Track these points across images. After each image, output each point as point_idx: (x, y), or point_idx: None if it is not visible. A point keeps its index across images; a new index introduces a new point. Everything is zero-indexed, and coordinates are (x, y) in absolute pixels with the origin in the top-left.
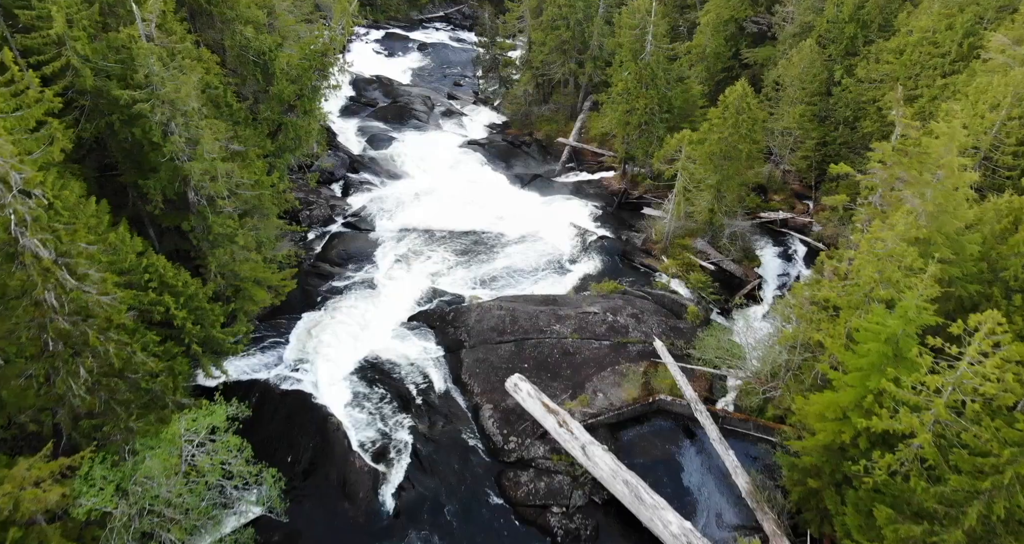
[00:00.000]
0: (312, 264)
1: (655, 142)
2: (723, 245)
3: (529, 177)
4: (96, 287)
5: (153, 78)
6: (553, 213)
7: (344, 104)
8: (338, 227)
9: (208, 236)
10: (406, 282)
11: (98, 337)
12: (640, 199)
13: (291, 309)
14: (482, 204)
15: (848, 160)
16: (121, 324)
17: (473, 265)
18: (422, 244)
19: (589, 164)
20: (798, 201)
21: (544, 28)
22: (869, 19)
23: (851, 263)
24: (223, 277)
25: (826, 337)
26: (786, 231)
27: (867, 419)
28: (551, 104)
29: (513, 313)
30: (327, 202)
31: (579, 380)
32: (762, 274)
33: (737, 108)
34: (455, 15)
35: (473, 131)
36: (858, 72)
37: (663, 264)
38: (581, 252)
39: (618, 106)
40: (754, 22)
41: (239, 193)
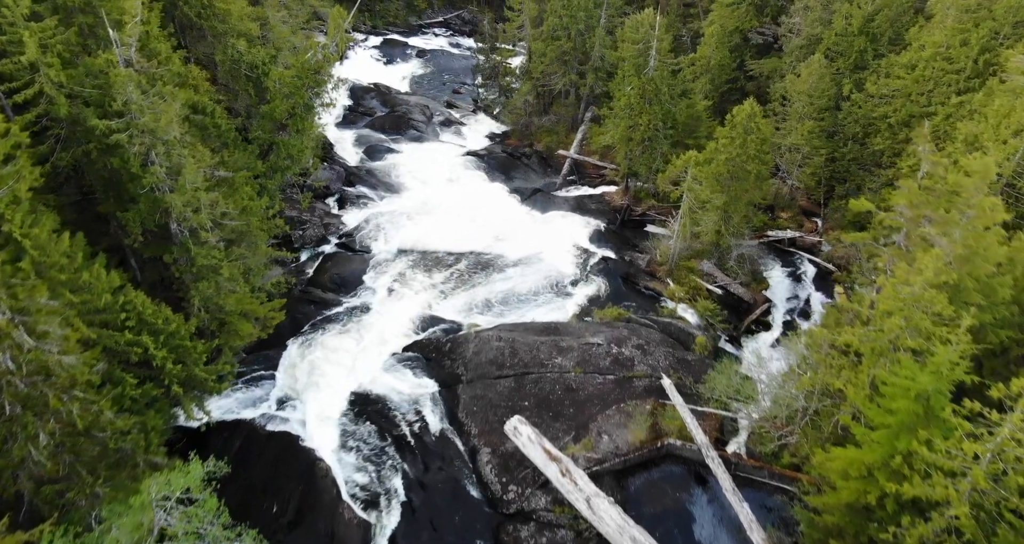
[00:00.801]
0: (303, 290)
1: (658, 158)
2: (730, 267)
3: (529, 191)
4: (58, 345)
5: (131, 106)
6: (554, 231)
7: (342, 113)
8: (332, 247)
9: (191, 268)
10: (401, 308)
11: (60, 398)
12: (643, 216)
13: (279, 339)
14: (481, 222)
15: (857, 178)
16: (87, 380)
17: (472, 289)
18: (419, 267)
19: (590, 177)
20: (806, 219)
21: (544, 38)
22: (879, 32)
23: (873, 306)
24: (207, 311)
25: (848, 386)
26: (794, 251)
27: (896, 482)
28: (551, 115)
29: (513, 344)
30: (321, 220)
31: (583, 420)
32: (771, 297)
33: (745, 127)
34: (454, 21)
35: (472, 141)
36: (868, 87)
37: (668, 288)
38: (583, 274)
39: (620, 121)
40: (759, 33)
41: (224, 224)
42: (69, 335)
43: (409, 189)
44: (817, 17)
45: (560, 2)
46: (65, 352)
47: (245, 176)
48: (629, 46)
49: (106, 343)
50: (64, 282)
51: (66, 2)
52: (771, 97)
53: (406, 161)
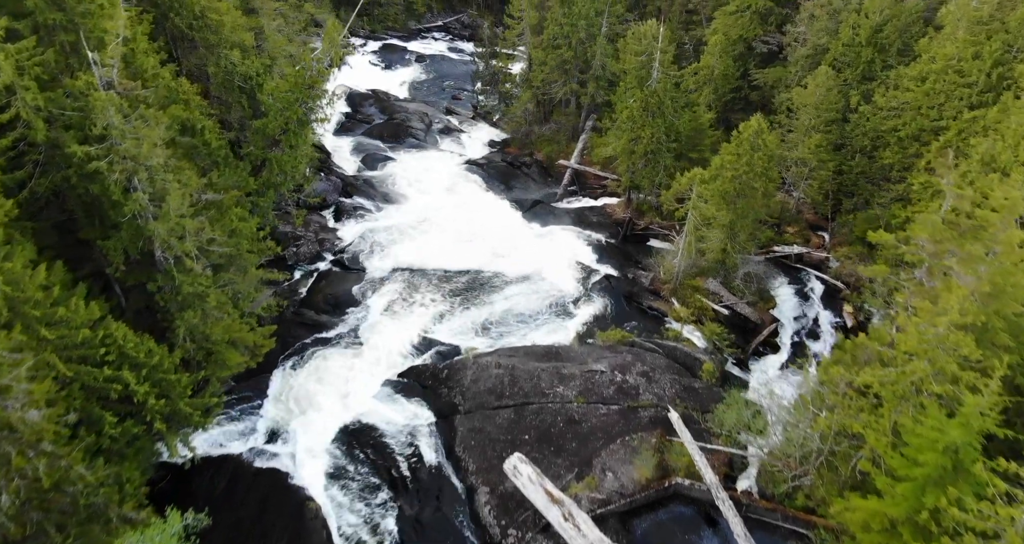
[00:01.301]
0: (295, 311)
1: (661, 172)
2: (736, 286)
3: (529, 203)
4: (21, 400)
5: (112, 132)
6: (555, 247)
7: (340, 120)
8: (327, 265)
9: (176, 297)
10: (396, 331)
11: (25, 455)
12: (646, 230)
13: (270, 365)
14: (480, 238)
15: (866, 191)
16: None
17: (470, 309)
18: (415, 286)
19: (591, 188)
20: (813, 233)
21: (545, 47)
22: (887, 43)
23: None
24: (193, 341)
25: (867, 430)
26: (801, 267)
27: (923, 540)
28: (552, 123)
29: (512, 372)
30: (316, 236)
31: (586, 455)
32: (778, 316)
33: (752, 144)
34: (454, 25)
35: (472, 149)
36: (876, 99)
37: (673, 308)
38: (585, 293)
39: (622, 134)
40: (764, 41)
41: (212, 250)
42: (34, 389)
43: (407, 200)
44: (823, 27)
45: (561, 10)
46: (30, 407)
47: (235, 196)
48: (632, 58)
49: (84, 380)
50: (39, 318)
51: (47, 20)
52: (776, 107)
53: (404, 170)
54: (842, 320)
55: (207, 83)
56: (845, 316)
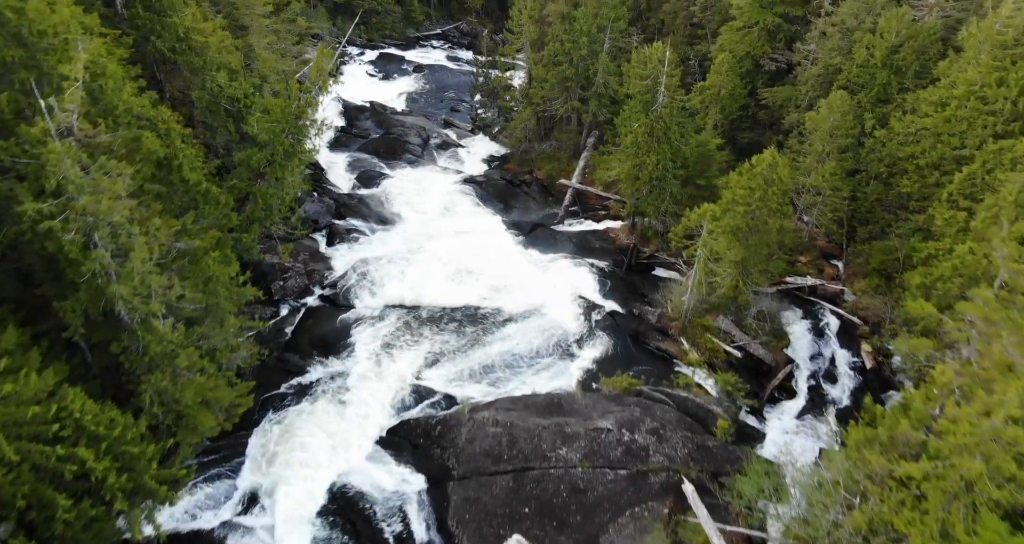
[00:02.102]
0: (279, 356)
1: (667, 198)
2: (749, 324)
3: (529, 226)
4: None
5: (68, 186)
6: (556, 278)
7: (335, 135)
8: (315, 300)
9: (143, 358)
10: (387, 378)
11: None
12: (651, 258)
13: (248, 421)
14: (477, 270)
15: (882, 219)
16: None
17: (466, 352)
18: (408, 325)
19: (594, 208)
20: (826, 262)
21: (545, 63)
22: (904, 65)
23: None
24: (161, 404)
25: (912, 529)
26: (815, 300)
27: None
28: (553, 140)
29: (511, 430)
30: (304, 267)
31: (591, 531)
32: (793, 356)
33: (766, 178)
34: (452, 32)
35: (470, 165)
36: (893, 123)
37: (682, 349)
38: (588, 332)
39: (626, 159)
40: (772, 59)
41: (183, 307)
42: None
43: (403, 220)
44: (835, 46)
45: (561, 27)
46: None
47: (214, 237)
48: (636, 82)
49: (34, 460)
50: None
51: (4, 57)
52: (785, 127)
53: (400, 188)
54: (860, 360)
55: (192, 108)
56: (864, 356)
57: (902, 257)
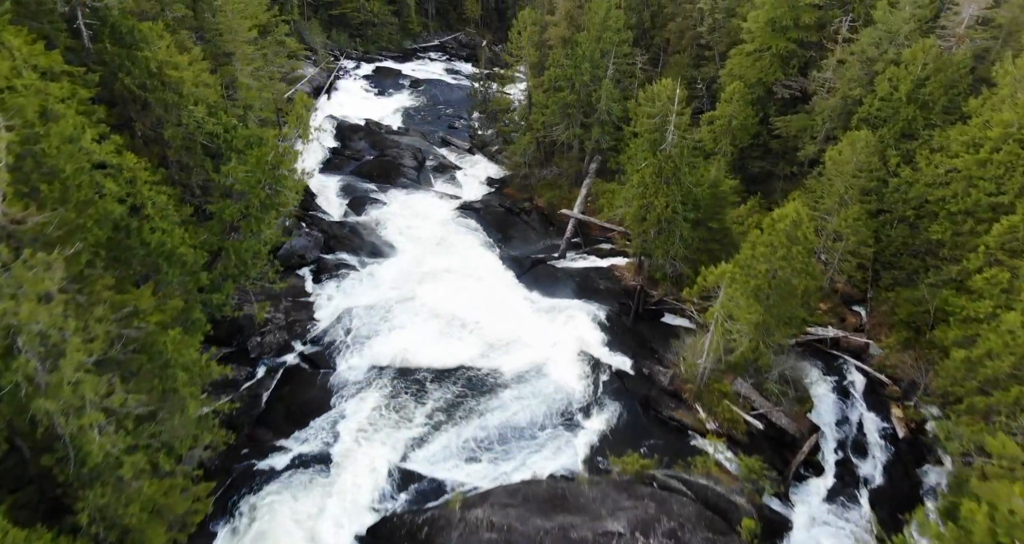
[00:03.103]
0: (250, 433)
1: (677, 242)
2: (770, 388)
3: (529, 262)
4: None
5: None
6: (558, 329)
7: (326, 157)
8: (295, 358)
9: (80, 470)
10: (371, 460)
11: None
12: (660, 303)
13: (209, 518)
14: (472, 323)
15: (909, 265)
16: None
17: (459, 425)
18: (396, 392)
19: (597, 240)
20: (848, 310)
21: (546, 89)
22: (931, 100)
23: None
24: (103, 520)
25: None
26: (837, 354)
27: None
28: (553, 167)
29: (509, 536)
30: (285, 318)
31: None
32: (817, 421)
33: (789, 236)
34: (451, 44)
35: (468, 189)
36: (920, 162)
37: (698, 418)
38: (594, 397)
39: (633, 200)
40: (785, 87)
41: (126, 411)
42: None
43: (396, 252)
44: (855, 77)
45: (563, 52)
46: None
47: (176, 308)
48: (644, 121)
49: None
50: None
51: None
52: (801, 159)
53: (394, 216)
54: (891, 427)
55: (165, 147)
56: (895, 422)
57: (932, 310)
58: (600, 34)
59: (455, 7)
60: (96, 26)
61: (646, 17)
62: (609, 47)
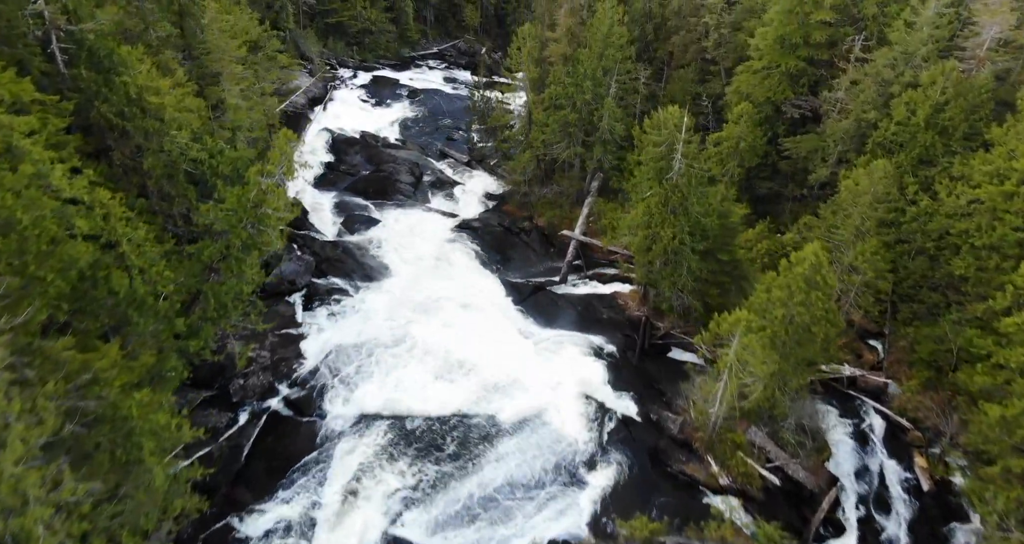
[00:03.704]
0: (228, 492)
1: (685, 273)
2: (786, 438)
3: (528, 289)
4: None
5: None
6: (560, 368)
7: (321, 172)
8: (279, 403)
9: None
10: (359, 524)
11: None
12: (667, 337)
13: None
14: (468, 362)
15: (929, 299)
16: None
17: (455, 482)
18: (385, 445)
19: (599, 263)
20: (864, 345)
21: (546, 107)
22: (951, 126)
23: None
24: None
25: None
26: (854, 394)
27: None
28: (554, 185)
29: None
30: (271, 356)
31: None
32: (835, 471)
33: (808, 281)
34: (449, 51)
35: (466, 206)
36: (939, 191)
37: (711, 473)
38: (599, 448)
39: (638, 230)
40: (795, 105)
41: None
42: None
43: (391, 275)
44: (869, 99)
45: (564, 69)
46: None
47: (145, 366)
48: (650, 149)
49: None
50: None
51: None
52: (812, 182)
53: (390, 235)
54: (914, 478)
55: (145, 176)
56: (918, 473)
57: (955, 349)
58: (602, 51)
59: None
60: (72, 50)
61: (649, 30)
62: (611, 64)
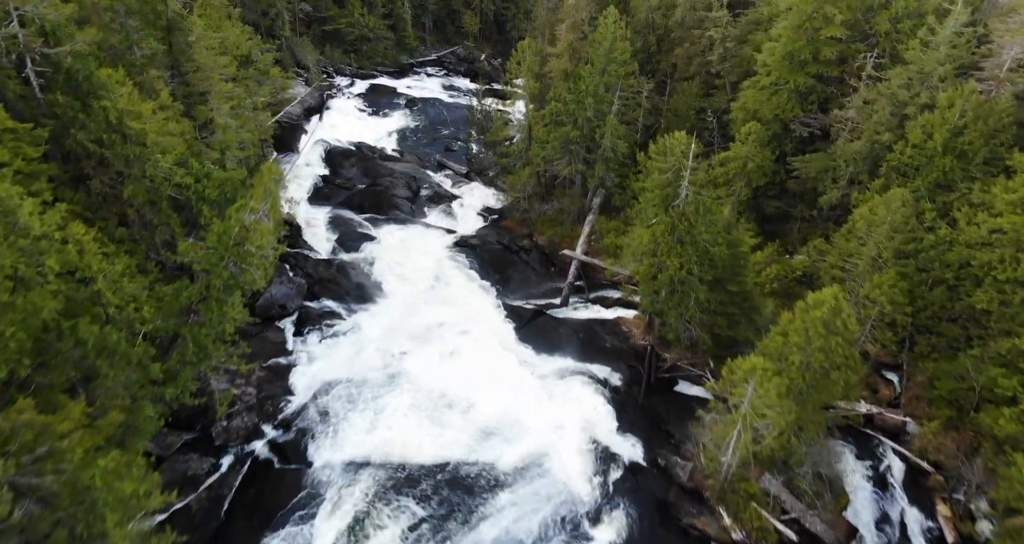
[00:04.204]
0: None
1: (692, 304)
2: (802, 487)
3: (528, 314)
4: None
5: None
6: (561, 406)
7: (316, 185)
8: (264, 447)
9: None
10: None
11: None
12: (674, 370)
13: None
14: (464, 401)
15: (949, 332)
16: None
17: (449, 540)
18: (377, 497)
19: (601, 284)
20: (880, 378)
21: (547, 123)
22: (971, 150)
23: None
24: None
25: None
26: (871, 433)
27: None
28: (554, 201)
29: None
30: (257, 393)
31: None
32: (854, 521)
33: (828, 326)
34: (448, 58)
35: (464, 221)
36: (959, 219)
37: (723, 527)
38: (604, 499)
39: (643, 258)
40: (804, 124)
41: None
42: None
43: (385, 296)
44: (883, 121)
45: (565, 86)
46: None
47: (113, 424)
48: (656, 176)
49: None
50: None
51: None
52: (822, 204)
53: (385, 252)
54: (937, 527)
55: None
56: (941, 522)
57: (978, 388)
58: (604, 67)
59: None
60: (48, 74)
61: (652, 41)
62: (614, 81)
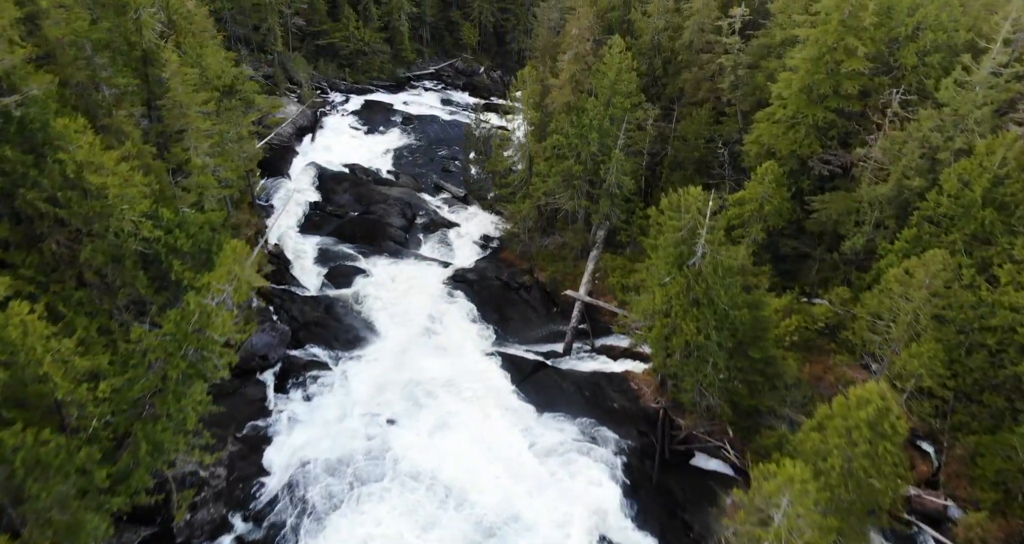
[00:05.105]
0: None
1: (710, 370)
2: None
3: (530, 366)
4: None
5: None
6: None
7: (306, 213)
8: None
9: None
10: None
11: None
12: (689, 440)
13: None
14: (459, 491)
15: (992, 404)
16: None
17: None
18: None
19: (607, 328)
20: (915, 451)
21: (548, 156)
22: (1013, 202)
23: None
24: None
25: None
26: (909, 518)
27: None
28: (557, 235)
29: None
30: (226, 475)
31: None
32: None
33: (874, 428)
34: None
35: (461, 251)
36: (1001, 277)
37: None
38: None
39: (655, 318)
40: (823, 162)
41: None
42: None
43: (377, 338)
44: (913, 165)
45: (567, 119)
46: None
47: None
48: (669, 235)
49: None
50: None
51: None
52: (845, 249)
53: (378, 289)
54: None
55: (84, 267)
56: None
57: None
58: (610, 99)
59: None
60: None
61: (657, 64)
62: (620, 113)
